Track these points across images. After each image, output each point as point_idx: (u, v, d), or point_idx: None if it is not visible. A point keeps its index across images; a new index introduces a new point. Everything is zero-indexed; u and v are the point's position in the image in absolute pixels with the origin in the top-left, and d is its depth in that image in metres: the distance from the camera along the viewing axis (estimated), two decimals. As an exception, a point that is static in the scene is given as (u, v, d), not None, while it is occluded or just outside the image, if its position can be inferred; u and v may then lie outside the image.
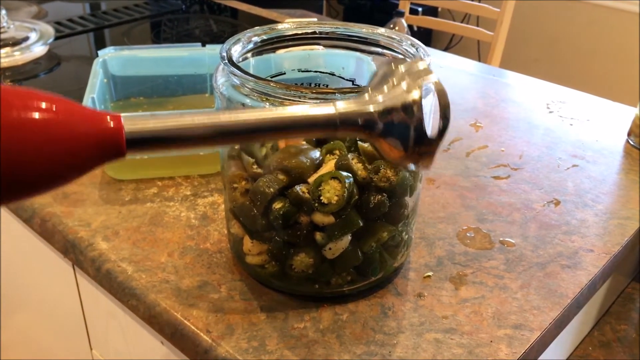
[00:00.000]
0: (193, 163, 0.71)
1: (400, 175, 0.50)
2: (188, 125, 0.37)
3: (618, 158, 0.79)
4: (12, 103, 0.32)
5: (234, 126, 0.38)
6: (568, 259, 0.60)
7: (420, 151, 0.40)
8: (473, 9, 1.88)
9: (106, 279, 0.58)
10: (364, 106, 0.40)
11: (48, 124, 0.33)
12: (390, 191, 0.50)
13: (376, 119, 0.40)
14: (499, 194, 0.70)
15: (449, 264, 0.59)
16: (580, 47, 2.54)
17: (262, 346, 0.49)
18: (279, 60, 0.60)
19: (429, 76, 0.40)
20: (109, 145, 0.35)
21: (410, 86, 0.40)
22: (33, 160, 0.33)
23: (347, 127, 0.40)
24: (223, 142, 0.42)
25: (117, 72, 0.82)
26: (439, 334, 0.51)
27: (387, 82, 0.41)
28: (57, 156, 0.33)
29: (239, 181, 0.52)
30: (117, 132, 0.35)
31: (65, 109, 0.34)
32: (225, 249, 0.60)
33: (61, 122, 0.34)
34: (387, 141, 0.40)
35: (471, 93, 0.97)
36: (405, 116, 0.39)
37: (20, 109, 0.32)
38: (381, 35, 0.55)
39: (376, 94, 0.40)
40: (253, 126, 0.39)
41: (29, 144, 0.32)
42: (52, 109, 0.33)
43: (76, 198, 0.67)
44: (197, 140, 0.38)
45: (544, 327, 0.52)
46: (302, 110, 0.39)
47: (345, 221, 0.49)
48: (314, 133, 0.41)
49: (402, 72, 0.41)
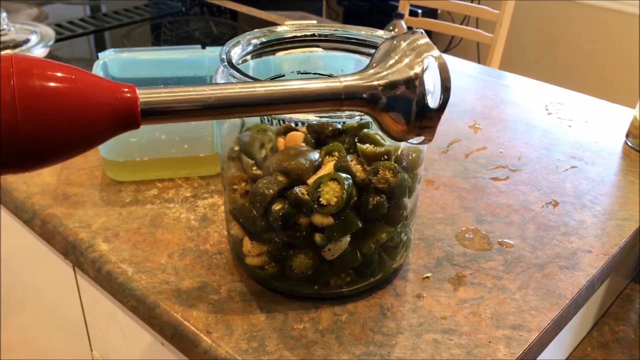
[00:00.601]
0: (193, 165, 0.71)
1: (399, 176, 0.50)
2: (199, 96, 0.38)
3: (616, 159, 0.79)
4: (31, 71, 0.33)
5: (243, 98, 0.39)
6: (566, 260, 0.60)
7: (422, 125, 0.41)
8: (472, 10, 1.89)
9: (106, 280, 0.58)
10: (368, 80, 0.41)
11: (67, 93, 0.34)
12: (389, 192, 0.50)
13: (380, 93, 0.41)
14: (497, 195, 0.70)
15: (447, 265, 0.59)
16: (580, 49, 2.54)
17: (261, 347, 0.49)
18: (279, 62, 0.60)
19: (430, 51, 0.41)
20: (125, 115, 0.36)
21: (412, 61, 0.41)
22: (52, 128, 0.33)
23: (351, 100, 0.41)
24: (232, 113, 0.42)
25: (117, 74, 0.82)
26: (437, 335, 0.51)
27: (390, 57, 0.41)
28: (75, 124, 0.34)
29: (239, 183, 0.53)
30: (133, 102, 0.36)
31: (83, 78, 0.35)
32: (225, 250, 0.60)
33: (80, 91, 0.34)
34: (389, 115, 0.41)
35: (470, 95, 0.98)
36: (407, 90, 0.40)
37: (41, 77, 0.33)
38: (380, 37, 0.56)
39: (380, 69, 0.41)
40: (261, 98, 0.40)
41: (49, 111, 0.33)
42: (71, 78, 0.34)
43: (77, 199, 0.67)
44: (207, 111, 0.39)
45: (542, 328, 0.52)
46: (310, 84, 0.40)
47: (345, 222, 0.49)
48: (320, 106, 0.41)
49: (405, 47, 0.42)
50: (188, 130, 0.70)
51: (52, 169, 0.72)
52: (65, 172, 0.72)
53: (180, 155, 0.71)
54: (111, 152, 0.69)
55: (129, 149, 0.69)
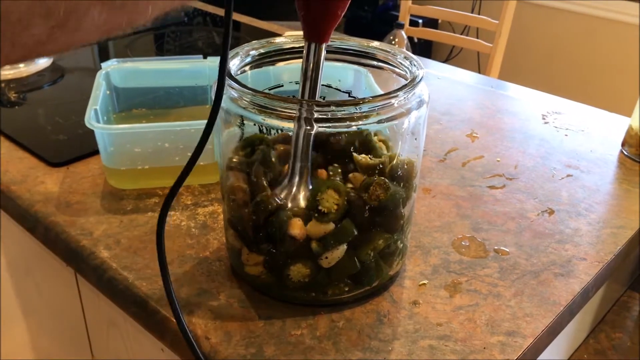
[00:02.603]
0: (194, 173, 0.71)
1: (390, 192, 0.51)
2: None
3: (612, 168, 0.80)
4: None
5: None
6: (561, 267, 0.61)
7: None
8: (472, 21, 1.90)
9: (108, 287, 0.59)
10: None
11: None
12: (381, 208, 0.51)
13: None
14: (494, 203, 0.71)
15: (444, 272, 0.60)
16: (579, 58, 2.55)
17: (259, 353, 0.50)
18: (278, 72, 0.61)
19: None
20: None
21: None
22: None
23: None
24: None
25: (119, 83, 0.83)
26: (433, 341, 0.52)
27: None
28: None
29: (237, 193, 0.53)
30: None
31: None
32: (224, 258, 0.61)
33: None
34: None
35: (468, 104, 0.99)
36: None
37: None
38: (376, 48, 0.57)
39: None
40: None
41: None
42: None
43: (79, 207, 0.68)
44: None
45: (537, 334, 0.53)
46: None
47: (340, 230, 0.50)
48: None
49: None
50: (192, 139, 0.70)
51: (55, 177, 0.73)
52: (68, 181, 0.73)
53: (183, 164, 0.72)
54: (113, 161, 0.70)
55: (131, 158, 0.70)
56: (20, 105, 0.94)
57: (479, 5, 2.73)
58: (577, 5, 2.49)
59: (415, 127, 0.53)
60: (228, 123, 0.53)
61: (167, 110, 0.86)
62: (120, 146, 0.70)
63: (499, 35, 1.77)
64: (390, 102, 0.49)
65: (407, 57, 0.55)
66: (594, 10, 2.46)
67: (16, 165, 0.76)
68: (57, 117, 0.89)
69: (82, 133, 0.82)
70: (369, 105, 0.48)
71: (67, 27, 0.25)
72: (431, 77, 1.09)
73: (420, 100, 0.51)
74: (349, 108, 0.48)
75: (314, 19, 0.48)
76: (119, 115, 0.84)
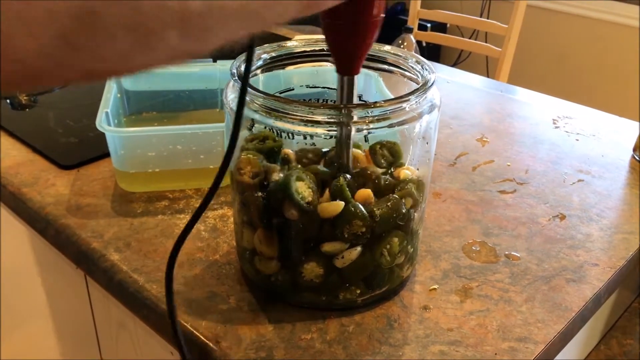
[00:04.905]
0: (204, 176, 0.72)
1: (381, 211, 0.51)
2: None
3: (623, 173, 0.79)
4: None
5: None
6: (573, 272, 0.61)
7: None
8: (481, 25, 1.90)
9: (118, 289, 0.59)
10: None
11: None
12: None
13: None
14: (504, 208, 0.71)
15: (454, 277, 0.60)
16: (588, 63, 2.54)
17: (269, 356, 0.50)
18: (288, 76, 0.61)
19: None
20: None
21: None
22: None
23: None
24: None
25: (130, 87, 0.84)
26: (444, 346, 0.52)
27: None
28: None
29: (245, 166, 0.53)
30: None
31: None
32: (234, 261, 0.61)
33: None
34: None
35: (477, 108, 0.98)
36: None
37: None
38: (387, 52, 0.57)
39: None
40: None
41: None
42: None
43: (89, 210, 0.68)
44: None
45: (548, 340, 0.53)
46: None
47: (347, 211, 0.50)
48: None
49: None
50: (202, 142, 0.71)
51: (65, 180, 0.73)
52: (79, 183, 0.73)
53: (193, 167, 0.72)
54: (124, 164, 0.71)
55: (141, 161, 0.71)
56: (31, 108, 0.95)
57: (487, 9, 2.73)
58: (587, 9, 2.49)
59: (427, 132, 0.52)
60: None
61: (177, 114, 0.87)
62: (131, 149, 0.70)
63: (508, 40, 1.77)
64: (401, 106, 0.49)
65: (419, 61, 0.54)
66: (603, 15, 2.45)
67: (27, 168, 0.76)
68: (68, 119, 0.89)
69: (93, 136, 0.83)
70: (381, 109, 0.48)
71: (147, 45, 0.26)
72: (440, 81, 1.08)
73: (432, 105, 0.51)
74: (360, 112, 0.47)
75: (349, 55, 0.48)
76: (129, 118, 0.84)
